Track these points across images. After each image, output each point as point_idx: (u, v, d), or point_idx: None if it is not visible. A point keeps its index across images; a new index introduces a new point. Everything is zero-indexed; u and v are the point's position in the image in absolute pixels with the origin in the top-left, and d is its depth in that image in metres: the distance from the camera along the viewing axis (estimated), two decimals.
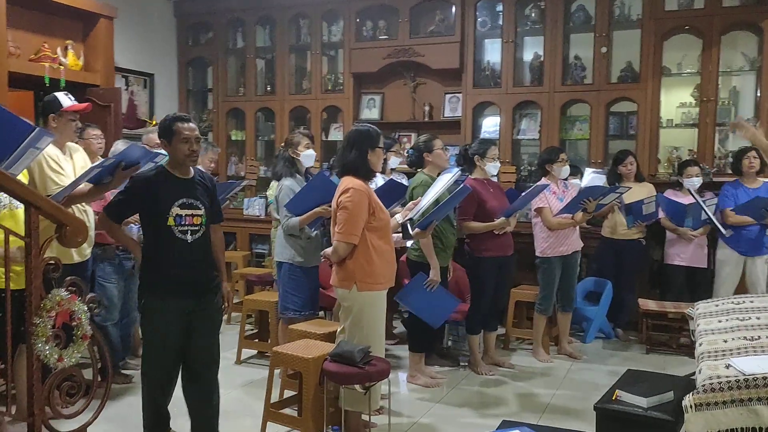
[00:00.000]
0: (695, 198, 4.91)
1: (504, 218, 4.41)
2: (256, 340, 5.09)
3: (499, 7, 6.39)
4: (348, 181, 3.31)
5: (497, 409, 4.00)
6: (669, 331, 5.34)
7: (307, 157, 4.50)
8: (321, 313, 5.07)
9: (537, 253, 4.96)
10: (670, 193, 5.48)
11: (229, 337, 5.44)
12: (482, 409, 4.01)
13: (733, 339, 2.41)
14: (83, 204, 3.86)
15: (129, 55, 6.79)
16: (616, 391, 2.73)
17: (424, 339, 4.42)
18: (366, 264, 3.27)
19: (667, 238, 5.52)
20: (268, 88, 7.36)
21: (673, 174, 5.84)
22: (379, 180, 4.49)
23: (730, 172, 5.65)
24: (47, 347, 2.65)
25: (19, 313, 2.74)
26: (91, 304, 2.91)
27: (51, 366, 2.67)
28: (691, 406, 2.04)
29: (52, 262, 2.72)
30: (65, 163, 3.81)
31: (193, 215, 3.07)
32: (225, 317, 4.92)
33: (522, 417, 3.85)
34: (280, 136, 7.18)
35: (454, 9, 6.44)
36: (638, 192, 5.30)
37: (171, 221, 3.03)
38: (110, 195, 4.24)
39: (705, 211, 5.02)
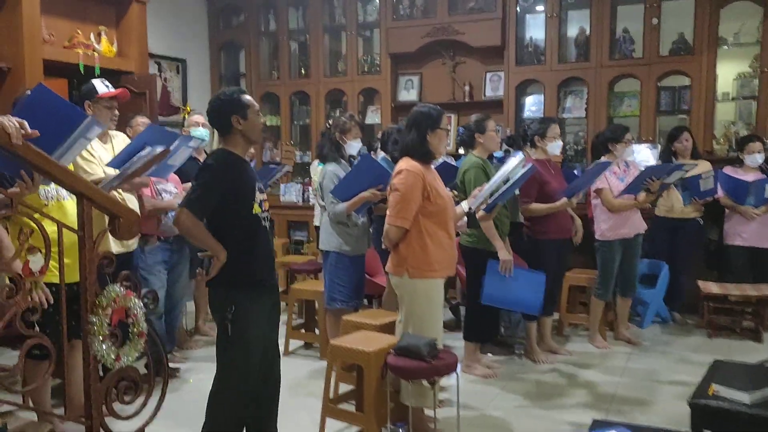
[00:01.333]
0: None
1: (566, 199, 4.20)
2: (302, 331, 4.96)
3: None
4: (403, 163, 3.15)
5: (562, 400, 3.82)
6: (731, 314, 5.11)
7: (353, 146, 4.32)
8: (364, 301, 4.90)
9: (596, 236, 4.74)
10: (729, 170, 5.22)
11: None
12: (546, 400, 3.84)
13: None
14: (119, 192, 3.72)
15: (161, 41, 6.65)
16: (712, 385, 2.52)
17: (482, 327, 4.24)
18: (420, 250, 3.11)
19: (726, 217, 5.27)
20: (302, 72, 7.19)
21: (731, 150, 5.58)
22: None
23: None
24: (104, 346, 2.53)
25: (70, 308, 2.63)
26: (145, 299, 2.79)
27: (108, 365, 2.56)
28: None
29: (108, 256, 2.60)
30: (102, 151, 3.68)
31: (264, 200, 2.86)
32: None
33: (589, 408, 3.68)
34: (315, 120, 7.03)
35: None
36: (697, 170, 5.04)
37: (257, 208, 2.77)
38: (154, 183, 4.19)
39: None
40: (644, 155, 5.49)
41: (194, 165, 3.77)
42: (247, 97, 2.84)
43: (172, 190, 4.31)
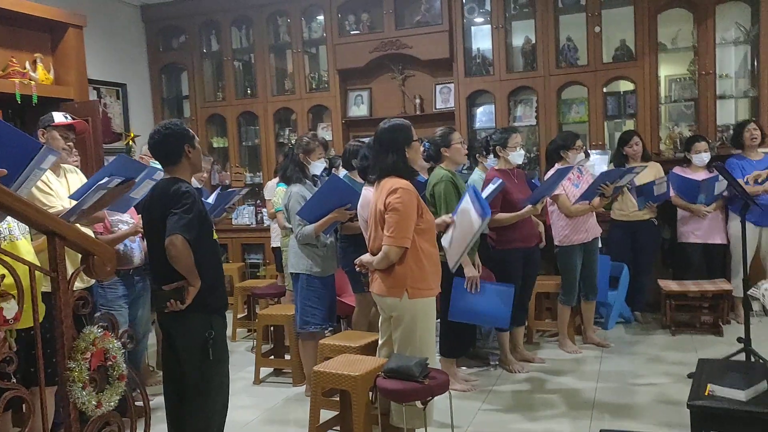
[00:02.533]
0: (728, 179, 4.54)
1: (531, 206, 4.23)
2: (272, 357, 4.81)
3: None
4: (393, 182, 3.06)
5: (546, 410, 3.82)
6: (690, 310, 5.26)
7: (317, 166, 4.25)
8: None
9: (556, 242, 4.80)
10: (678, 170, 5.39)
11: (238, 355, 5.18)
12: (529, 411, 3.82)
13: None
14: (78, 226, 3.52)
15: (99, 66, 6.40)
16: (708, 385, 2.56)
17: (458, 342, 4.21)
18: (417, 269, 3.04)
19: (679, 217, 5.43)
20: (249, 91, 7.05)
21: (677, 151, 5.77)
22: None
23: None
24: (84, 393, 2.36)
25: (28, 353, 2.46)
26: (124, 339, 2.63)
27: (89, 413, 2.39)
28: None
29: (83, 297, 2.43)
30: (57, 184, 3.48)
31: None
32: (230, 334, 4.64)
33: (574, 416, 3.69)
34: (265, 140, 6.91)
35: None
36: (648, 171, 5.19)
37: (215, 234, 2.83)
38: (108, 216, 3.98)
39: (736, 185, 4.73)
40: (599, 166, 5.59)
41: None
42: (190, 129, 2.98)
43: (128, 221, 4.12)
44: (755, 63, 5.64)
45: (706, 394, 2.54)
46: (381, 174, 3.14)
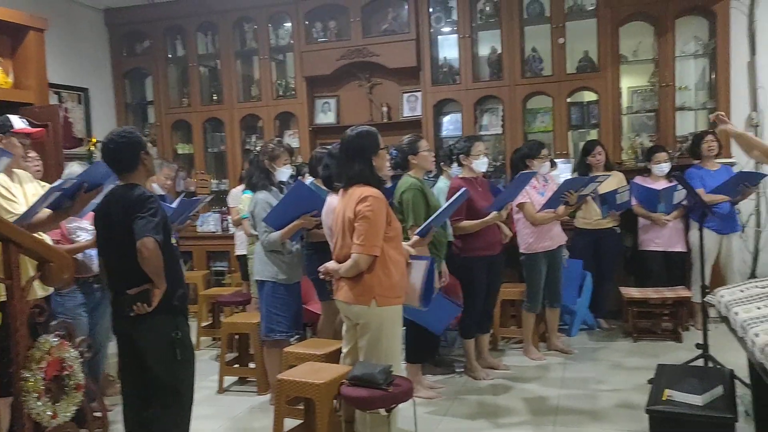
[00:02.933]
0: (687, 188, 4.62)
1: (496, 212, 4.26)
2: (236, 366, 4.75)
3: (452, 2, 6.28)
4: (362, 190, 3.04)
5: (510, 417, 3.84)
6: (651, 317, 5.35)
7: (283, 173, 4.23)
8: None
9: (521, 250, 4.85)
10: (639, 180, 5.49)
11: (203, 363, 5.09)
12: (494, 418, 3.84)
13: None
14: (39, 233, 3.44)
15: (60, 70, 6.28)
16: (665, 390, 2.60)
17: (423, 348, 4.22)
18: (385, 277, 3.03)
19: (640, 225, 5.53)
20: (215, 97, 6.99)
21: (638, 161, 5.88)
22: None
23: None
24: (39, 403, 2.31)
25: None
26: (81, 348, 2.58)
27: (45, 424, 2.33)
28: None
29: (39, 305, 2.38)
30: (15, 190, 3.39)
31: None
32: (194, 342, 4.57)
33: (537, 423, 3.72)
34: (231, 147, 6.86)
35: (406, 6, 6.28)
36: (611, 180, 5.27)
37: (173, 240, 2.88)
38: (65, 223, 3.90)
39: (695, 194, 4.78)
40: (564, 175, 5.66)
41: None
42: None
43: (87, 227, 4.04)
44: (713, 75, 5.79)
45: (664, 399, 2.59)
46: (348, 182, 3.12)
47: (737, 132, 3.72)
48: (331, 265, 3.21)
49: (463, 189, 3.89)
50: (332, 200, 3.44)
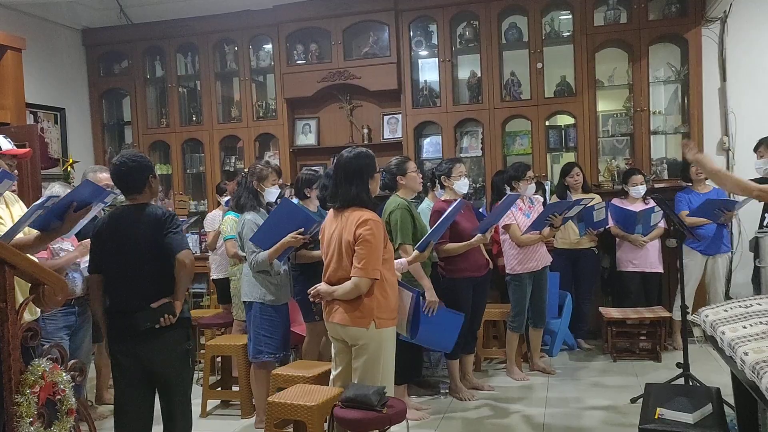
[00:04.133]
0: (663, 208, 4.69)
1: (481, 235, 4.31)
2: (219, 389, 4.69)
3: (432, 27, 6.38)
4: (361, 213, 3.04)
5: None
6: (629, 337, 5.43)
7: (272, 193, 4.23)
8: None
9: (507, 271, 4.90)
10: (617, 202, 5.60)
11: None
12: None
13: None
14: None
15: (37, 90, 6.23)
16: (658, 409, 2.65)
17: (408, 368, 4.21)
18: (383, 299, 3.03)
19: (618, 246, 5.63)
20: (194, 118, 6.97)
21: (615, 183, 6.01)
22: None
23: (666, 177, 5.90)
24: (32, 429, 2.25)
25: None
26: (73, 372, 2.53)
27: None
28: None
29: (32, 328, 2.33)
30: (2, 212, 3.33)
31: None
32: None
33: None
34: (210, 168, 6.83)
35: (387, 30, 6.36)
36: (591, 203, 5.36)
37: None
38: (53, 244, 3.84)
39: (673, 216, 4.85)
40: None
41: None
42: None
43: (69, 248, 3.99)
44: (685, 101, 5.97)
45: (656, 417, 2.64)
46: (344, 204, 3.12)
47: (711, 170, 3.71)
48: (323, 287, 3.19)
49: (459, 199, 3.93)
50: None
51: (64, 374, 2.42)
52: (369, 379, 3.03)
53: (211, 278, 5.80)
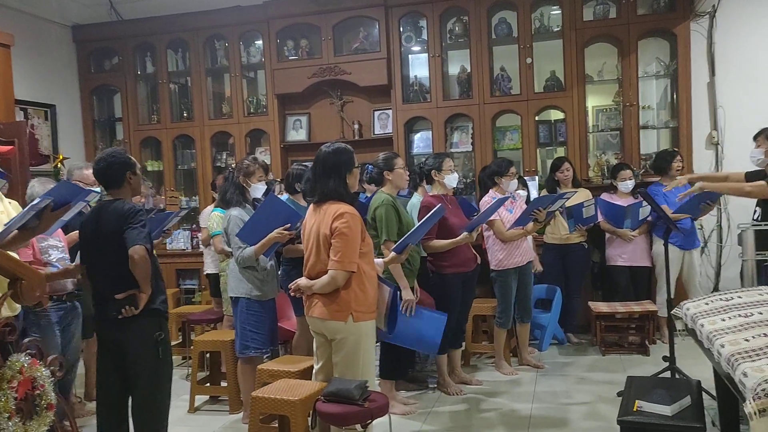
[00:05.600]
0: (652, 205, 4.71)
1: (467, 234, 4.32)
2: (208, 385, 4.70)
3: (422, 22, 6.37)
4: (338, 206, 3.06)
5: (483, 430, 3.87)
6: (618, 331, 5.45)
7: (258, 189, 4.23)
8: None
9: (492, 266, 4.91)
10: (606, 197, 5.62)
11: (173, 382, 5.02)
12: (468, 431, 3.87)
13: (753, 337, 2.41)
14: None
15: (26, 86, 6.22)
16: (636, 401, 2.66)
17: (397, 364, 4.23)
18: (360, 293, 3.04)
19: (607, 240, 5.65)
20: (185, 114, 6.96)
21: (604, 178, 6.02)
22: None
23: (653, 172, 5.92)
24: (11, 424, 2.26)
25: None
26: (53, 367, 2.54)
27: None
28: (755, 413, 1.99)
29: (9, 324, 2.34)
30: None
31: None
32: None
33: None
34: (201, 164, 6.83)
35: (377, 25, 6.36)
36: (578, 196, 5.39)
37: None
38: (35, 241, 3.84)
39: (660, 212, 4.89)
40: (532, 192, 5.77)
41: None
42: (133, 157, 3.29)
43: (58, 245, 4.01)
44: (674, 95, 5.97)
45: (635, 410, 2.65)
46: (322, 197, 3.14)
47: (719, 189, 3.94)
48: (302, 281, 3.19)
49: (439, 205, 3.93)
50: None
51: (43, 369, 2.43)
52: (349, 373, 3.05)
53: (204, 273, 5.81)
